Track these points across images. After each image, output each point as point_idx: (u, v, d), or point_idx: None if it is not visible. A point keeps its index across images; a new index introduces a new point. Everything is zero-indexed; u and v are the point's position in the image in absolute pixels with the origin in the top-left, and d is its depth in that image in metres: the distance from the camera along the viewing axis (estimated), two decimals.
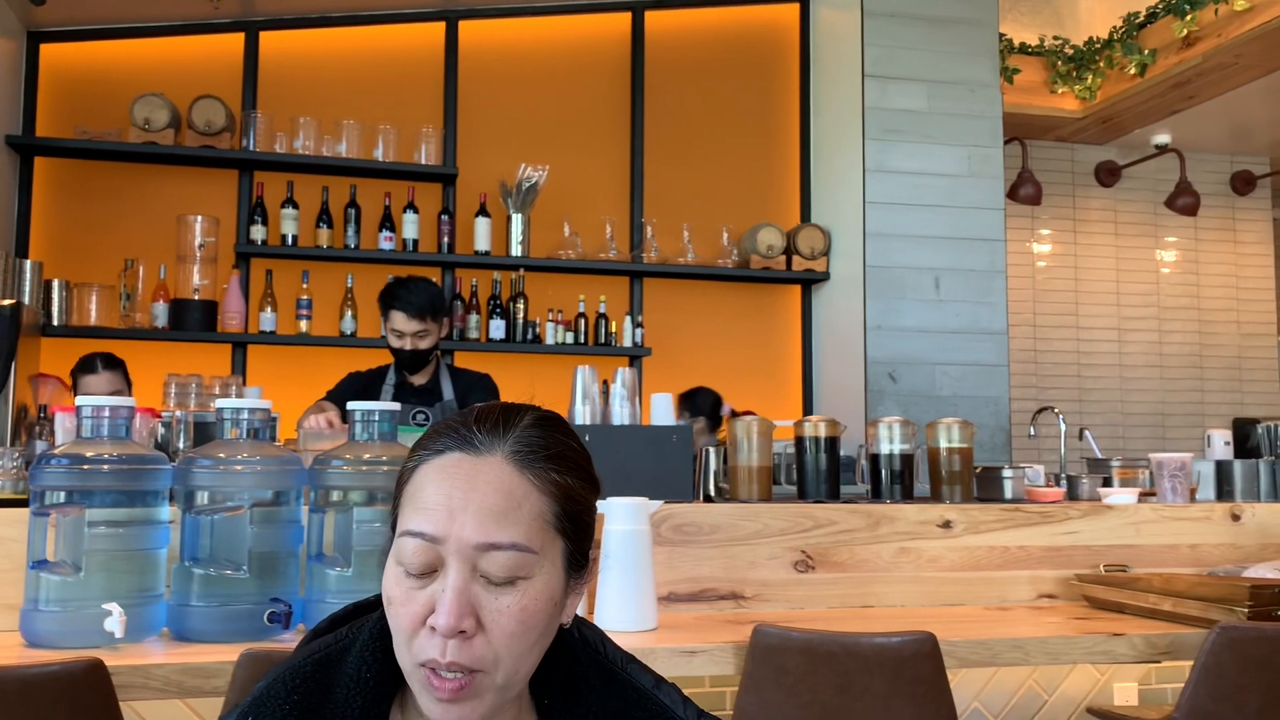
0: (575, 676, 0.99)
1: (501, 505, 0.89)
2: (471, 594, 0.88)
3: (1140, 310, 6.42)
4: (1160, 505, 3.06)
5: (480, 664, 0.88)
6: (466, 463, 0.91)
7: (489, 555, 0.88)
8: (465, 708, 0.88)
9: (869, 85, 4.75)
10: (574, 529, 0.94)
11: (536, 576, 0.90)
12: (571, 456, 0.96)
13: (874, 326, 4.70)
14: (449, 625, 0.86)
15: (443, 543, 0.88)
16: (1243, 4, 4.59)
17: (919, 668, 1.94)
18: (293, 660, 0.94)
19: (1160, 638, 2.37)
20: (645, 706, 0.98)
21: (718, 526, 2.55)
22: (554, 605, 0.92)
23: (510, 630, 0.88)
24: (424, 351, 3.42)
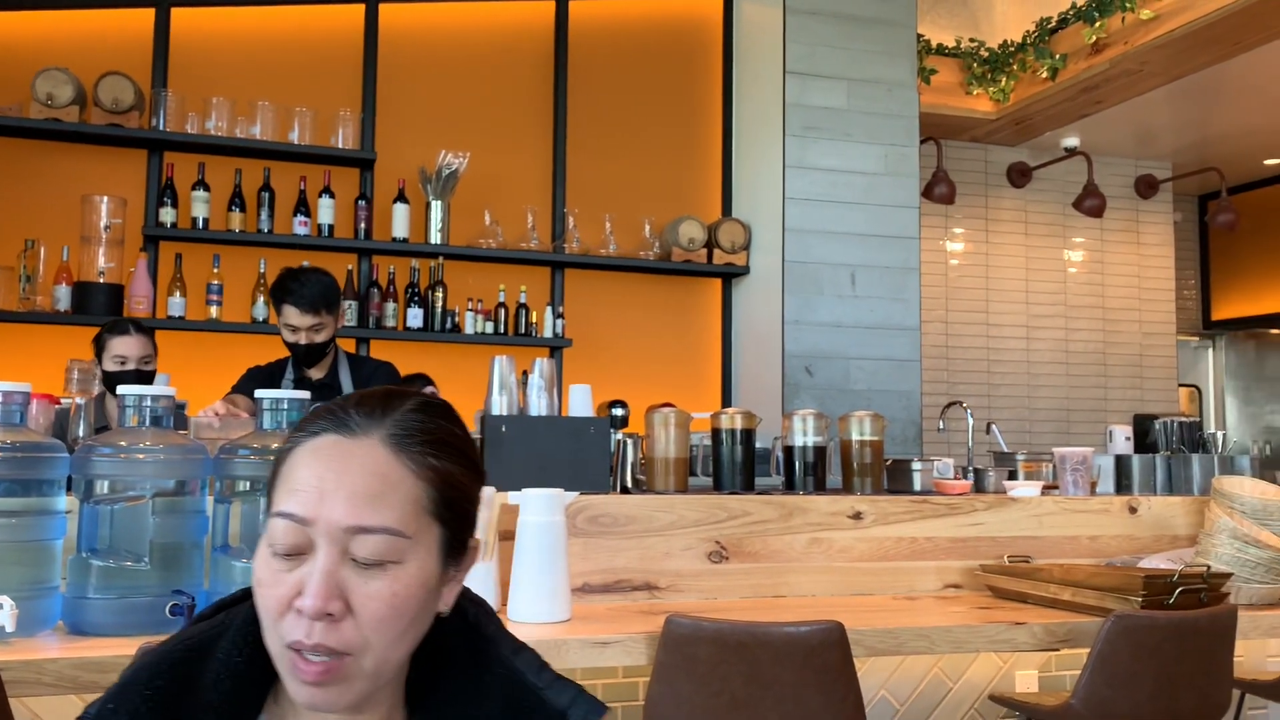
0: (442, 655, 0.97)
1: (374, 488, 0.88)
2: (340, 577, 0.86)
3: (1048, 309, 6.61)
4: (1062, 498, 3.16)
5: (348, 648, 0.86)
6: (341, 445, 0.89)
7: (359, 538, 0.86)
8: (331, 692, 0.87)
9: (790, 82, 4.80)
10: (452, 516, 0.92)
11: (409, 562, 0.88)
12: (453, 443, 0.94)
13: (792, 321, 4.76)
14: (314, 607, 0.84)
15: (312, 524, 0.87)
16: (1148, 13, 4.75)
17: (827, 657, 1.98)
18: (164, 646, 0.93)
19: (1059, 626, 2.45)
20: (499, 674, 0.96)
21: (633, 518, 2.56)
22: (428, 592, 0.90)
23: (380, 615, 0.87)
24: (320, 345, 3.31)
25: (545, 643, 2.00)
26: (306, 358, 3.35)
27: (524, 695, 0.94)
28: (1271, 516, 2.97)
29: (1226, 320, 7.50)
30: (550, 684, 0.96)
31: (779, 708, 1.95)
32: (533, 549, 2.13)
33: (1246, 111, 5.86)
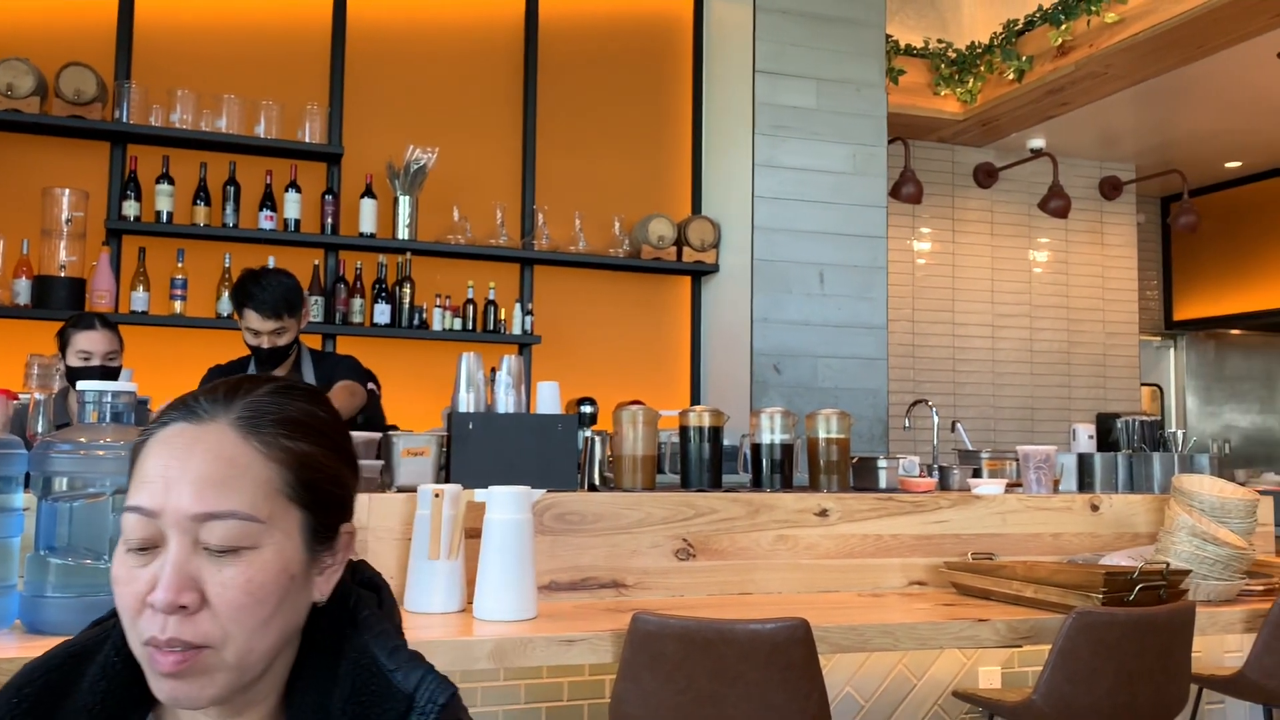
0: (309, 644, 0.94)
1: (221, 473, 0.86)
2: (193, 568, 0.84)
3: (1013, 308, 6.68)
4: (1026, 496, 3.20)
5: (206, 640, 0.84)
6: (188, 432, 0.88)
7: (208, 525, 0.84)
8: (192, 685, 0.84)
9: (760, 81, 4.81)
10: (313, 500, 0.90)
11: (265, 547, 0.86)
12: (312, 424, 0.92)
13: (760, 319, 4.77)
14: (165, 600, 0.82)
15: (160, 516, 0.85)
16: (1113, 16, 4.81)
17: (792, 654, 1.99)
18: (47, 653, 0.91)
19: (1022, 623, 2.48)
20: (352, 659, 0.93)
21: (600, 515, 2.56)
22: (290, 579, 0.88)
23: (237, 604, 0.84)
24: (282, 348, 3.27)
25: (510, 641, 2.00)
26: (269, 361, 3.31)
27: (372, 680, 0.91)
28: (1229, 514, 3.02)
29: (1188, 320, 7.61)
30: (400, 666, 0.93)
31: (744, 704, 1.95)
32: (499, 547, 2.12)
33: (1208, 115, 5.95)
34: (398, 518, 2.35)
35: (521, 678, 2.41)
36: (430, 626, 2.09)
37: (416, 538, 2.20)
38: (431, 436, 2.50)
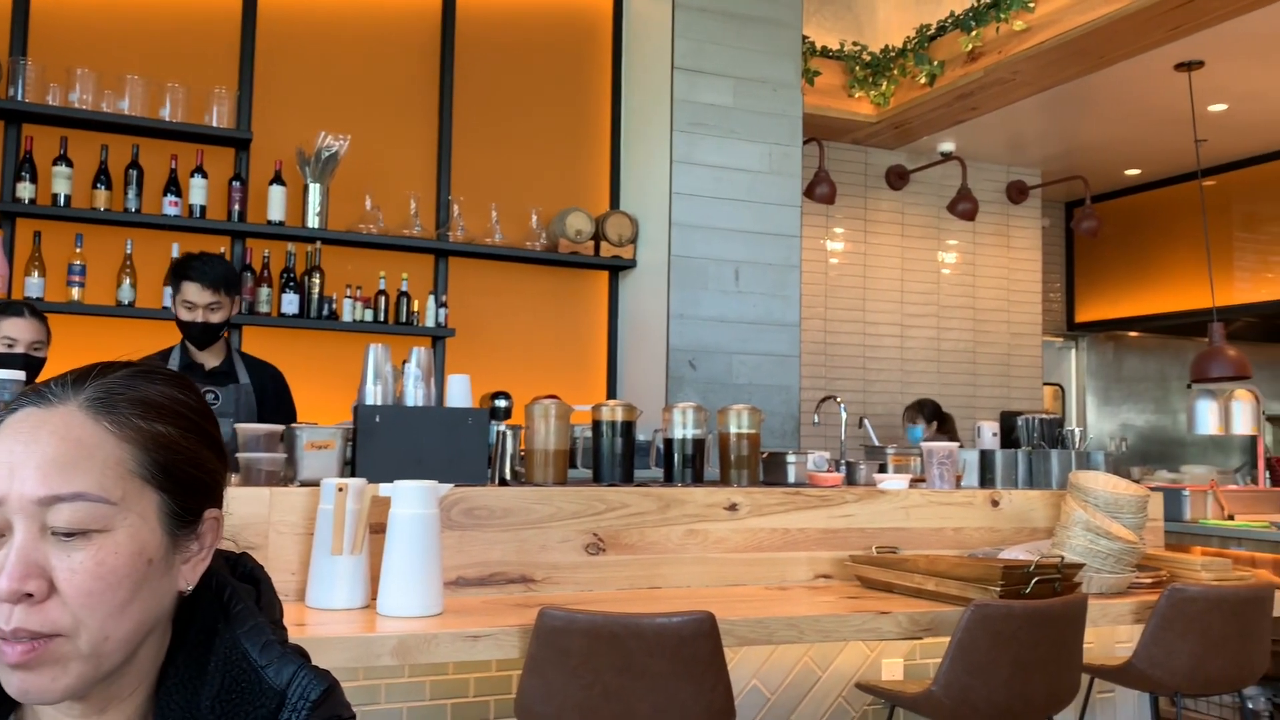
0: (178, 638, 0.91)
1: (68, 454, 0.83)
2: (39, 554, 0.81)
3: (922, 308, 6.83)
4: (929, 491, 3.27)
5: (56, 628, 0.81)
6: (34, 416, 0.85)
7: (54, 509, 0.82)
8: (43, 677, 0.81)
9: (678, 77, 4.82)
10: (171, 481, 0.87)
11: (117, 530, 0.83)
12: (170, 406, 0.89)
13: (677, 315, 4.79)
14: (7, 589, 0.79)
15: (4, 502, 0.82)
16: (1021, 25, 4.94)
17: (698, 647, 2.00)
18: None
19: (923, 615, 2.53)
20: (223, 655, 0.91)
21: (510, 510, 2.54)
22: (147, 563, 0.85)
23: (87, 589, 0.82)
24: (215, 326, 3.28)
25: (415, 637, 1.97)
26: (201, 337, 3.30)
27: (243, 677, 0.89)
28: (1122, 510, 3.14)
29: (1089, 323, 7.87)
30: (272, 662, 0.90)
31: (650, 698, 1.96)
32: (404, 542, 2.09)
33: (1110, 123, 6.15)
34: (300, 512, 2.30)
35: (427, 674, 2.38)
36: (332, 623, 2.06)
37: (319, 533, 2.16)
38: (337, 430, 2.46)
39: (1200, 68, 5.13)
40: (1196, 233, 6.39)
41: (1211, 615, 2.87)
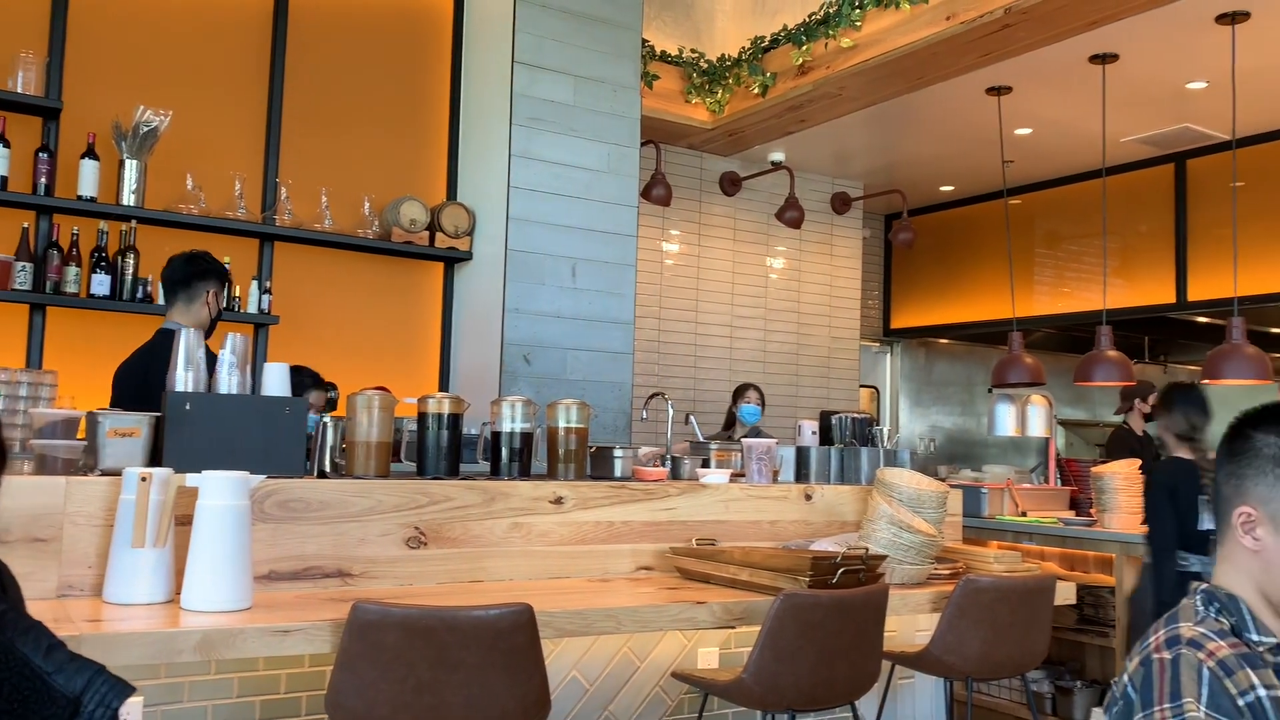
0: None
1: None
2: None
3: (750, 310, 7.05)
4: (748, 485, 3.40)
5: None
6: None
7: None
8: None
9: (518, 72, 4.81)
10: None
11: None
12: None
13: (512, 309, 4.78)
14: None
15: None
16: (848, 42, 5.17)
17: (514, 639, 2.02)
18: None
19: (736, 605, 2.63)
20: (24, 681, 0.87)
21: (327, 503, 2.49)
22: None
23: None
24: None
25: (220, 631, 1.91)
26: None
27: (26, 683, 0.86)
28: (924, 505, 3.34)
29: (903, 329, 8.30)
30: (61, 667, 0.87)
31: (464, 690, 1.97)
32: (211, 534, 2.03)
33: (927, 141, 6.50)
34: (100, 503, 2.19)
35: (235, 670, 2.31)
36: (131, 618, 1.97)
37: (119, 525, 2.06)
38: (143, 417, 2.35)
39: (1009, 93, 5.49)
40: (1002, 248, 6.83)
41: (1000, 604, 3.09)
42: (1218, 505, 1.45)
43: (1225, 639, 1.32)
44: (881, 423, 7.95)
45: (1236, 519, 1.39)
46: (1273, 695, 1.27)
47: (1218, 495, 1.45)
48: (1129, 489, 4.74)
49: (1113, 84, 5.18)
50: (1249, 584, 1.39)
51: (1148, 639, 1.38)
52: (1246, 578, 1.39)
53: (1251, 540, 1.37)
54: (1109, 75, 5.11)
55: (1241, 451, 1.40)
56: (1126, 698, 1.32)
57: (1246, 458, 1.39)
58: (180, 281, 3.52)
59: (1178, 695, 1.26)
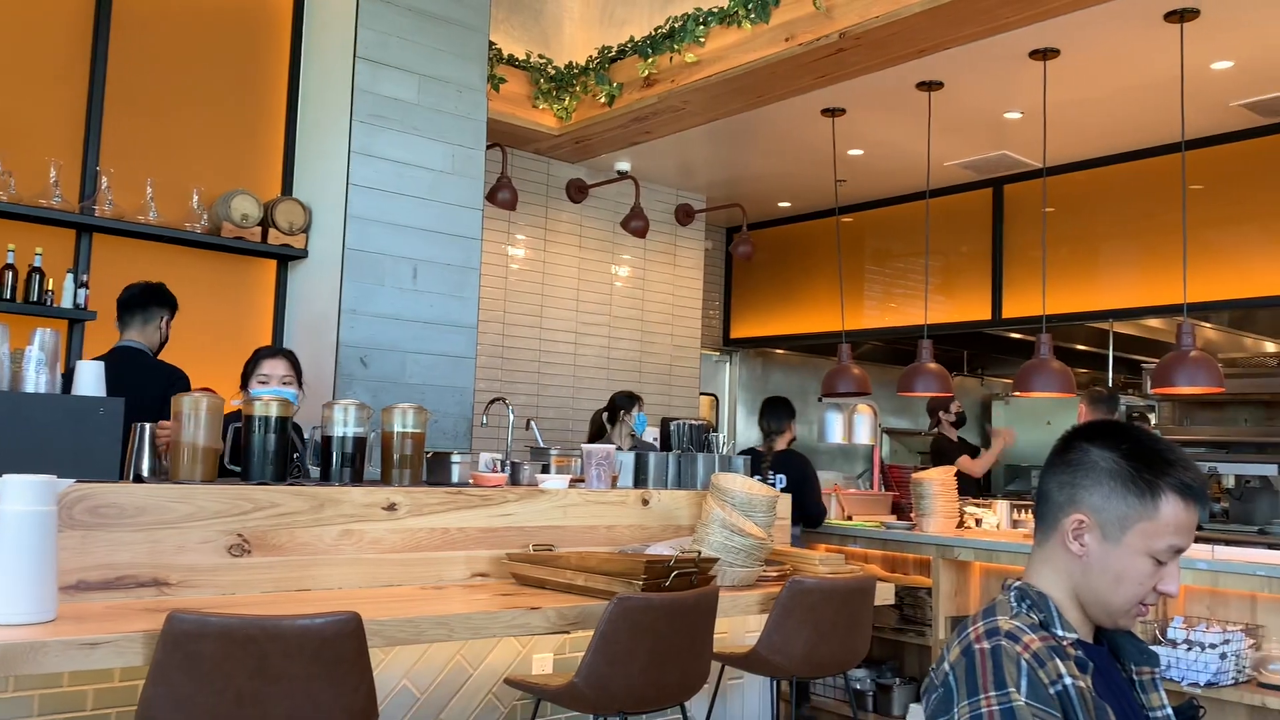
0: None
1: None
2: None
3: (595, 317, 7.10)
4: (586, 490, 3.42)
5: None
6: None
7: None
8: None
9: (360, 67, 4.71)
10: None
11: None
12: None
13: (349, 310, 4.67)
14: None
15: None
16: (692, 57, 5.28)
17: (341, 648, 1.98)
18: None
19: (570, 610, 2.64)
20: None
21: (143, 509, 2.37)
22: None
23: None
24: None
25: (17, 646, 1.79)
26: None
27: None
28: (755, 509, 3.44)
29: (742, 339, 8.52)
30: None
31: (286, 702, 1.91)
32: (10, 542, 1.90)
33: (766, 157, 6.70)
34: None
35: (36, 687, 2.17)
36: None
37: None
38: None
39: (843, 115, 5.73)
40: (834, 263, 7.11)
41: (824, 605, 3.21)
42: (1042, 509, 1.53)
43: (1036, 633, 1.42)
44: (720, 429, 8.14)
45: (1068, 524, 1.47)
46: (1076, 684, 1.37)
47: (1044, 500, 1.53)
48: (945, 494, 5.01)
49: (938, 110, 5.48)
50: (1064, 584, 1.49)
51: (966, 629, 1.47)
52: (1064, 578, 1.49)
53: (1078, 546, 1.47)
54: (935, 102, 5.40)
55: (1078, 463, 1.49)
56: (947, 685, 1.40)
57: (1084, 469, 1.48)
58: (138, 306, 3.93)
59: (1002, 684, 1.35)
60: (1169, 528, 1.44)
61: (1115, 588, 1.46)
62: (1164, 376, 4.38)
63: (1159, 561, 1.45)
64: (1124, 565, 1.45)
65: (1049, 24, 4.45)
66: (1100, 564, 1.46)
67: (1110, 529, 1.45)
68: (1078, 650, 1.45)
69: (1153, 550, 1.44)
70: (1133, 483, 1.45)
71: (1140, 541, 1.44)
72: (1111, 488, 1.46)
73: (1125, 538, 1.44)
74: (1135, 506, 1.44)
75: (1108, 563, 1.46)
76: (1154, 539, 1.44)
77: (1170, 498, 1.44)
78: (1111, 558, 1.45)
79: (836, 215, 6.88)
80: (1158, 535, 1.44)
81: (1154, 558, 1.45)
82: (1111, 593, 1.47)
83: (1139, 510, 1.44)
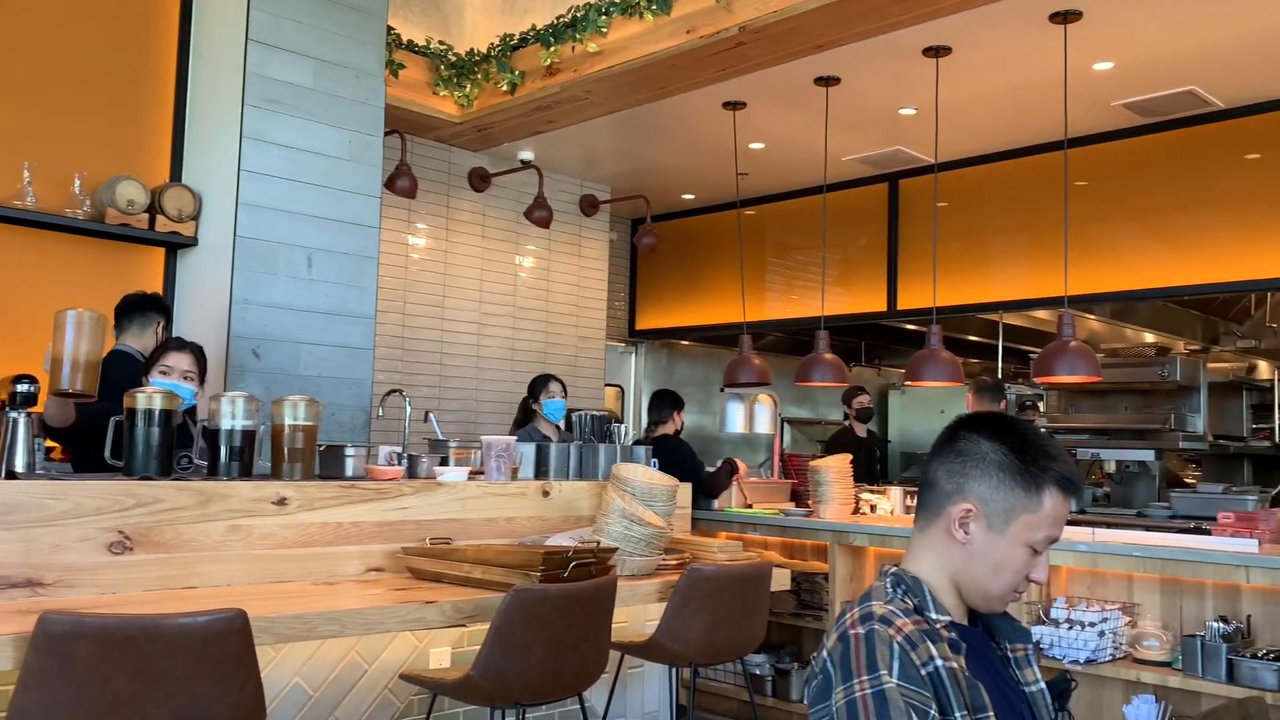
0: None
1: None
2: None
3: (499, 308, 7.04)
4: (486, 482, 3.40)
5: None
6: None
7: None
8: None
9: (253, 50, 4.58)
10: None
11: None
12: None
13: (241, 300, 4.55)
14: None
15: None
16: (594, 47, 5.27)
17: (225, 646, 1.93)
18: None
19: (467, 603, 2.63)
20: None
21: (15, 505, 2.28)
22: None
23: None
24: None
25: None
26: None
27: None
28: (655, 498, 3.46)
29: (647, 330, 8.56)
30: None
31: (168, 703, 1.86)
32: None
33: (669, 149, 6.73)
34: None
35: None
36: None
37: None
38: None
39: (744, 108, 5.78)
40: (736, 255, 7.19)
41: (721, 592, 3.25)
42: (927, 496, 1.57)
43: (910, 616, 1.47)
44: (626, 421, 8.16)
45: (955, 513, 1.51)
46: (947, 665, 1.42)
47: (930, 487, 1.56)
48: (841, 481, 5.11)
49: (835, 106, 5.58)
50: (943, 570, 1.54)
51: (844, 616, 1.50)
52: (944, 564, 1.54)
53: (963, 534, 1.51)
54: (832, 97, 5.49)
55: (968, 453, 1.53)
56: (825, 672, 1.44)
57: (973, 460, 1.52)
58: (137, 312, 4.06)
59: (874, 667, 1.39)
60: (1048, 519, 1.50)
61: (994, 576, 1.52)
62: (1045, 366, 4.55)
63: (1035, 551, 1.51)
64: (1005, 555, 1.50)
65: (941, 22, 4.57)
66: (983, 553, 1.51)
67: (996, 519, 1.50)
68: (951, 632, 1.50)
69: (1032, 541, 1.50)
70: (1020, 475, 1.50)
71: (1022, 533, 1.49)
72: (1000, 480, 1.51)
73: (1009, 529, 1.50)
74: (1021, 499, 1.49)
75: (990, 552, 1.51)
76: (1034, 530, 1.50)
77: (1052, 491, 1.50)
78: (994, 547, 1.51)
79: (739, 208, 6.96)
80: (1038, 527, 1.50)
81: (1032, 547, 1.50)
82: (990, 580, 1.52)
83: (1024, 503, 1.49)
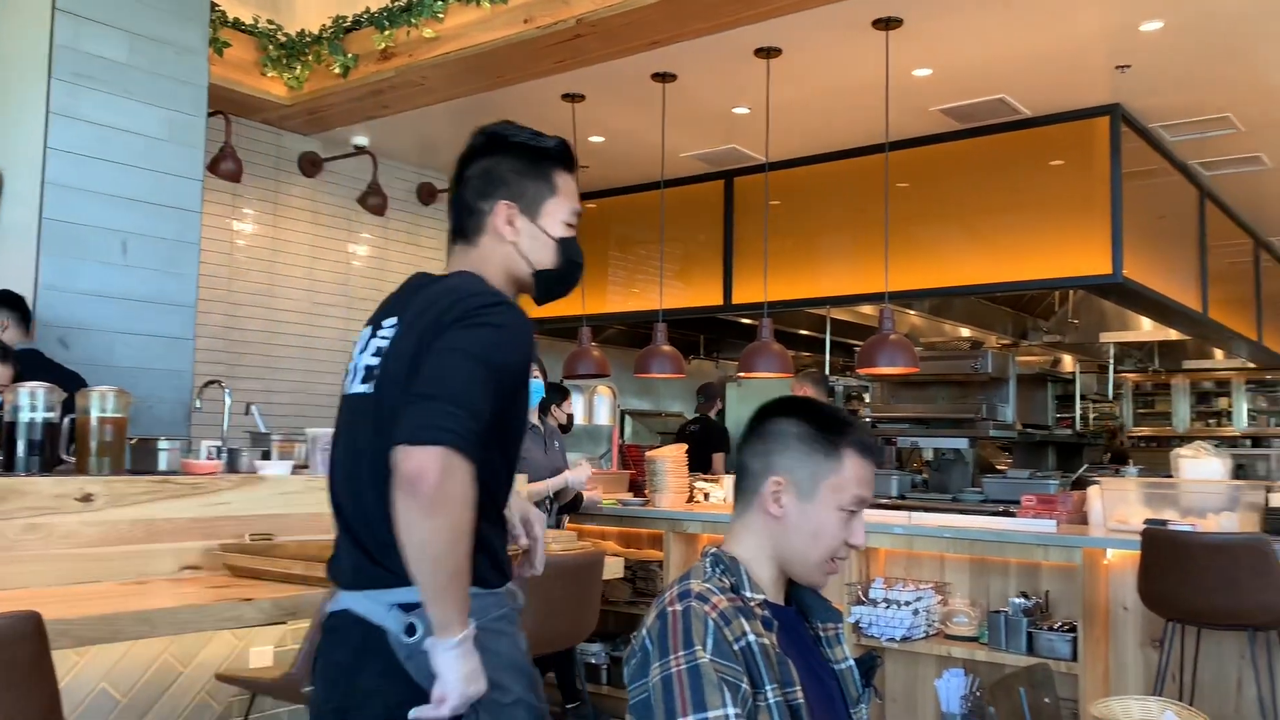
0: None
1: None
2: None
3: (331, 297, 6.84)
4: (310, 476, 3.30)
5: None
6: None
7: None
8: None
9: (61, 20, 4.31)
10: None
11: None
12: None
13: (48, 286, 4.29)
14: None
15: None
16: (430, 33, 5.18)
17: (14, 651, 1.82)
18: None
19: (288, 600, 2.55)
20: None
21: None
22: None
23: None
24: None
25: None
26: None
27: None
28: None
29: None
30: None
31: None
32: None
33: None
34: None
35: None
36: None
37: None
38: None
39: (583, 101, 5.80)
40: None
41: (554, 581, 3.27)
42: (743, 482, 1.66)
43: (725, 594, 1.54)
44: None
45: (768, 488, 1.60)
46: (759, 641, 1.50)
47: (743, 473, 1.66)
48: (676, 471, 5.22)
49: (672, 102, 5.66)
50: (763, 547, 1.62)
51: (664, 595, 1.56)
52: (764, 541, 1.62)
53: (777, 507, 1.60)
54: (669, 94, 5.57)
55: (769, 433, 1.64)
56: (644, 649, 1.50)
57: (775, 438, 1.63)
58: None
59: (690, 643, 1.45)
60: (853, 480, 1.60)
61: (814, 543, 1.60)
62: (867, 358, 4.76)
63: (849, 513, 1.61)
64: (819, 521, 1.60)
65: (772, 24, 4.70)
66: (798, 522, 1.60)
67: (804, 487, 1.60)
68: (765, 610, 1.58)
69: (841, 503, 1.60)
70: (818, 443, 1.61)
71: (831, 496, 1.59)
72: (800, 450, 1.61)
73: (818, 494, 1.59)
74: (822, 464, 1.60)
75: (804, 520, 1.60)
76: (841, 492, 1.60)
77: (850, 454, 1.61)
78: (807, 514, 1.60)
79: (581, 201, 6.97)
80: (844, 488, 1.60)
81: (843, 509, 1.60)
82: (810, 548, 1.61)
83: (826, 467, 1.60)
